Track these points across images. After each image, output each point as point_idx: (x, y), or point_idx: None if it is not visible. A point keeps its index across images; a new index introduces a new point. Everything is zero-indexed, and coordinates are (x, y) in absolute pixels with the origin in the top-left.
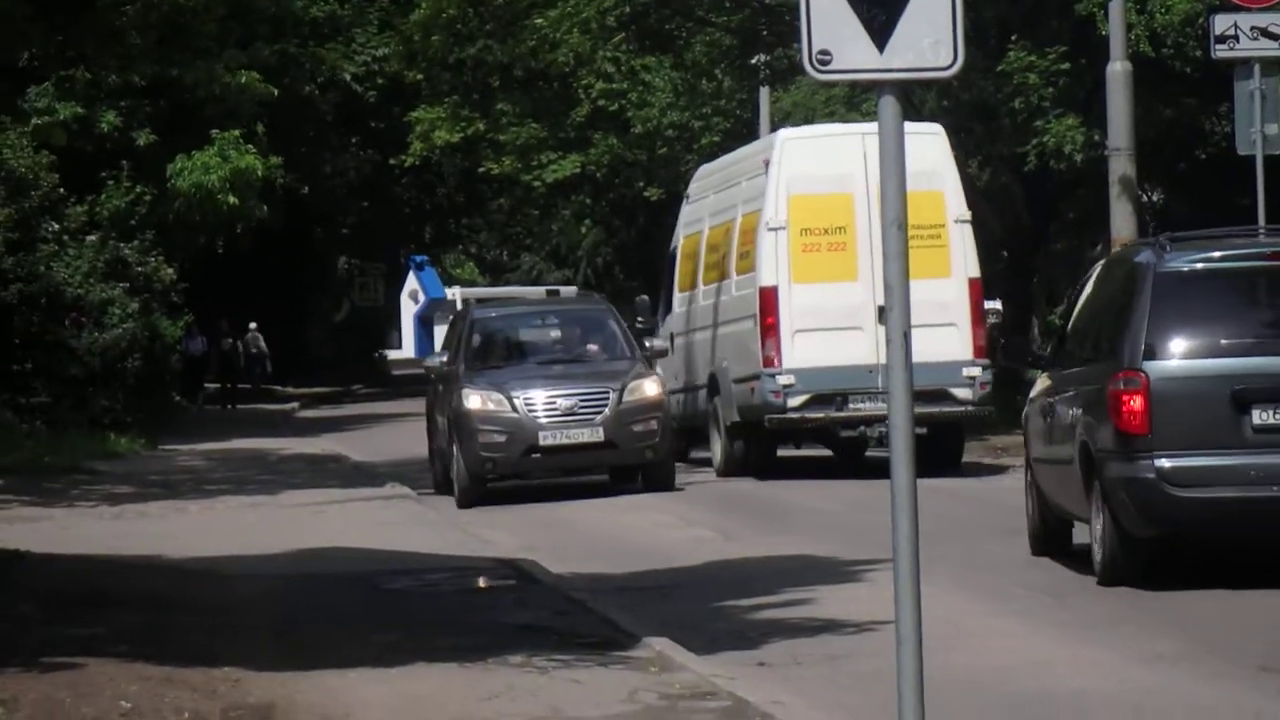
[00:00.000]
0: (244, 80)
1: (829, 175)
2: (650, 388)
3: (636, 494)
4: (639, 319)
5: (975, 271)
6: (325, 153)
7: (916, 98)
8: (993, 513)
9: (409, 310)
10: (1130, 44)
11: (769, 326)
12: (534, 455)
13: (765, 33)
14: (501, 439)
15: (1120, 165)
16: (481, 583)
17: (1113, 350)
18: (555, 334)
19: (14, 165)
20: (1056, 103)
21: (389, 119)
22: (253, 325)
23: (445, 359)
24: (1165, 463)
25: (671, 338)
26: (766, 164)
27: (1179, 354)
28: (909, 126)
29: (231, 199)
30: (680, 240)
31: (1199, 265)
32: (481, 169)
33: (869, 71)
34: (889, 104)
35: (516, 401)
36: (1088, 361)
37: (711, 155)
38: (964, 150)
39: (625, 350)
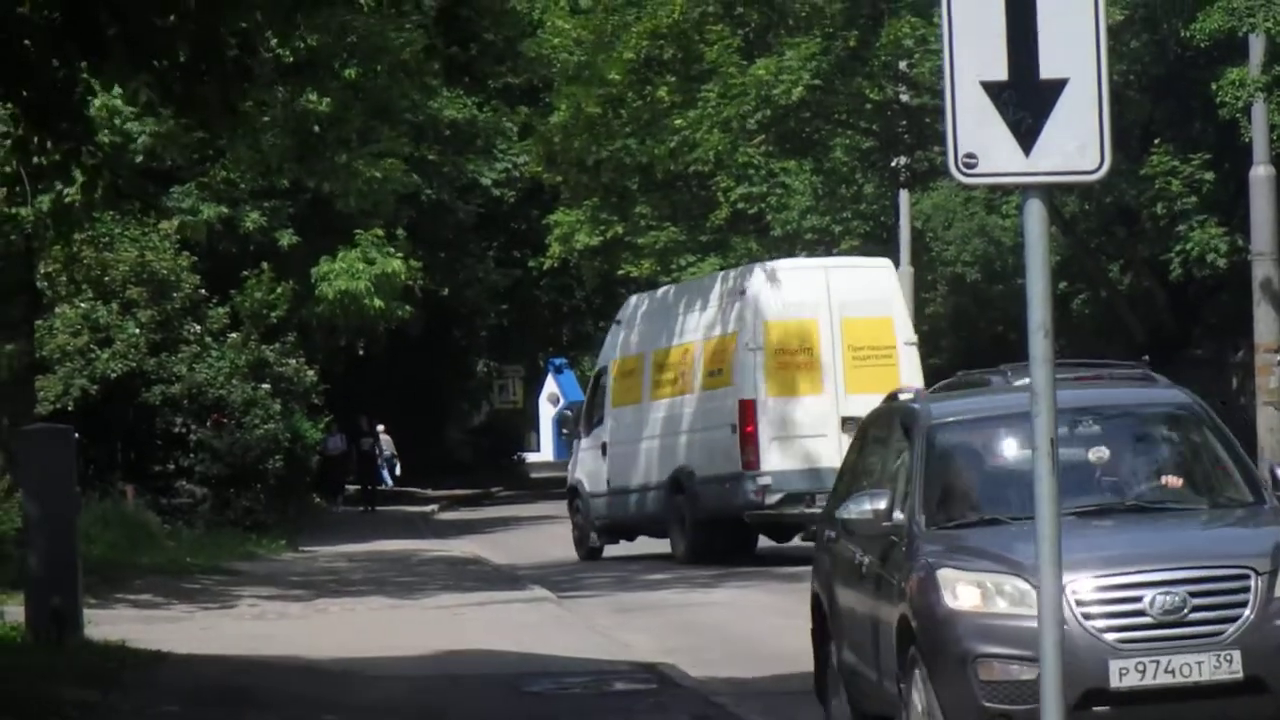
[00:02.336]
0: (385, 168)
1: (798, 303)
2: None
3: (775, 596)
4: (564, 430)
5: (920, 386)
6: (465, 258)
7: (1057, 200)
8: None
9: (547, 413)
10: (1273, 147)
11: (748, 434)
12: (1100, 710)
13: (905, 135)
14: (1028, 674)
15: (1263, 269)
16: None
17: None
18: (1103, 452)
19: (156, 267)
20: (1199, 209)
21: (528, 221)
22: (380, 427)
23: (877, 504)
24: None
25: (604, 446)
26: (743, 293)
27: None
28: (862, 261)
29: (377, 302)
30: (612, 361)
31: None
32: (620, 271)
33: (1015, 175)
34: (1035, 207)
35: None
36: None
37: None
38: (1104, 253)
39: (1244, 486)
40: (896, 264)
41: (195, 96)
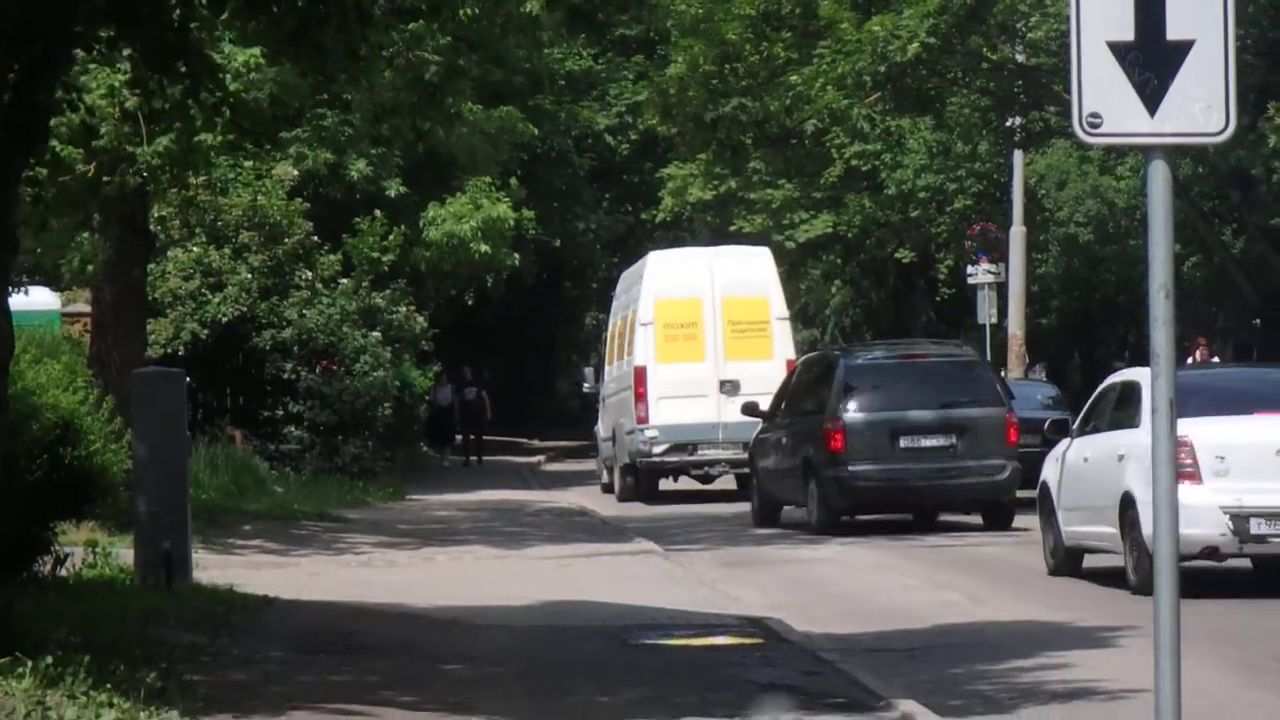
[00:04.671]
0: (501, 116)
1: (684, 285)
2: None
3: (882, 553)
4: (585, 384)
5: (791, 355)
6: (578, 208)
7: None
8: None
9: None
10: None
11: (640, 395)
12: None
13: (1021, 95)
14: None
15: None
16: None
17: (823, 407)
18: None
19: (269, 212)
20: None
21: (641, 174)
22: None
23: None
24: (854, 467)
25: (603, 400)
26: (641, 277)
27: (861, 409)
28: (742, 249)
29: (484, 247)
30: (609, 327)
31: (869, 360)
32: (733, 226)
33: (1140, 135)
34: (1159, 169)
35: None
36: (805, 414)
37: (964, 218)
38: (1218, 217)
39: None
40: (1009, 224)
41: (315, 42)
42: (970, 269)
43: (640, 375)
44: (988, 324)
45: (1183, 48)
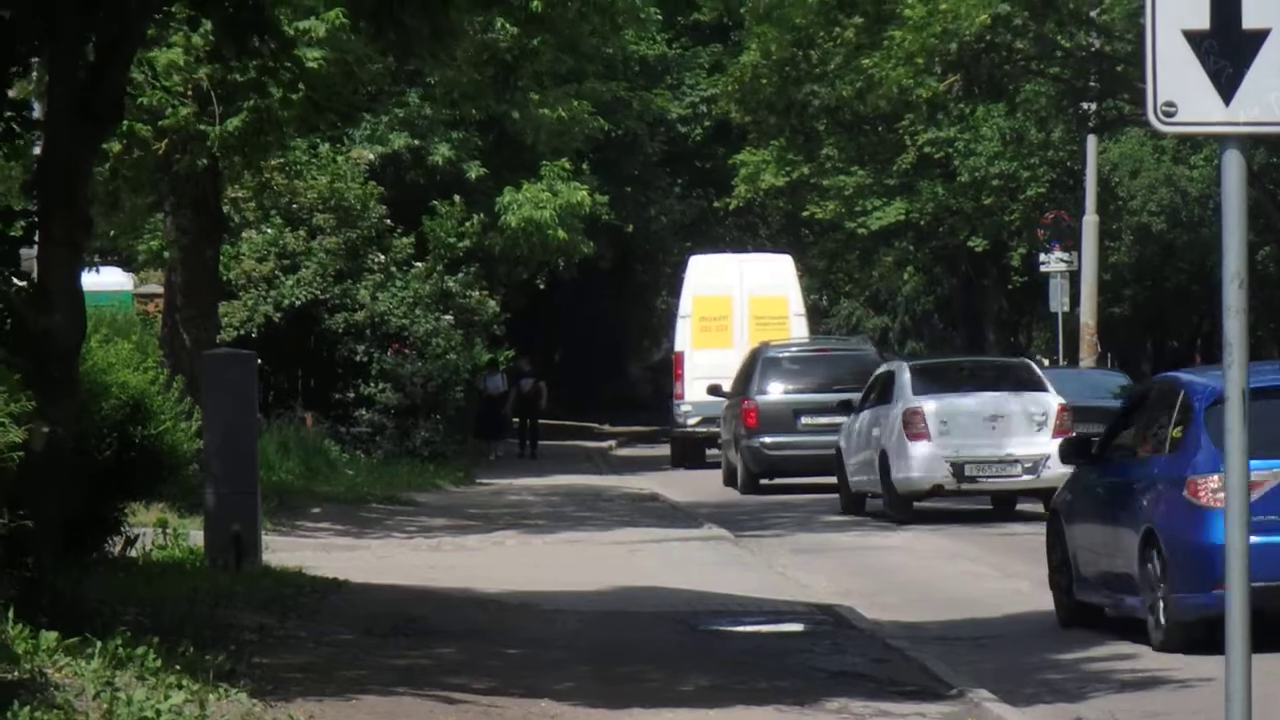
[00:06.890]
0: (574, 108)
1: (717, 284)
2: None
3: (953, 541)
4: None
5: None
6: (650, 193)
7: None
8: None
9: None
10: None
11: (679, 376)
12: None
13: (1095, 82)
14: None
15: None
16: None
17: (746, 390)
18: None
19: (345, 196)
20: None
21: (713, 159)
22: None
23: None
24: (765, 439)
25: None
26: (683, 278)
27: (771, 392)
28: (768, 256)
29: (561, 234)
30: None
31: (783, 353)
32: (805, 212)
33: (1215, 125)
34: (1233, 158)
35: None
36: (739, 396)
37: (1037, 205)
38: None
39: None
40: (1082, 212)
41: (396, 20)
42: (1043, 257)
43: (679, 360)
44: (1060, 312)
45: (1258, 36)
